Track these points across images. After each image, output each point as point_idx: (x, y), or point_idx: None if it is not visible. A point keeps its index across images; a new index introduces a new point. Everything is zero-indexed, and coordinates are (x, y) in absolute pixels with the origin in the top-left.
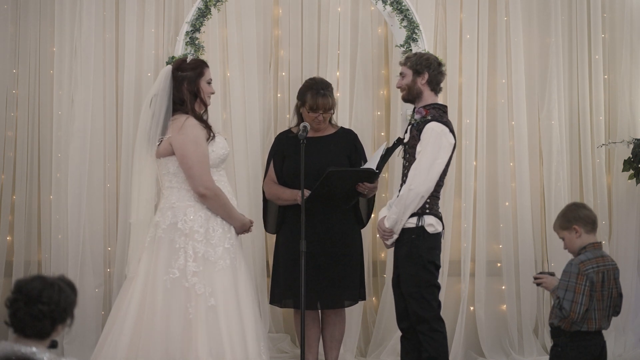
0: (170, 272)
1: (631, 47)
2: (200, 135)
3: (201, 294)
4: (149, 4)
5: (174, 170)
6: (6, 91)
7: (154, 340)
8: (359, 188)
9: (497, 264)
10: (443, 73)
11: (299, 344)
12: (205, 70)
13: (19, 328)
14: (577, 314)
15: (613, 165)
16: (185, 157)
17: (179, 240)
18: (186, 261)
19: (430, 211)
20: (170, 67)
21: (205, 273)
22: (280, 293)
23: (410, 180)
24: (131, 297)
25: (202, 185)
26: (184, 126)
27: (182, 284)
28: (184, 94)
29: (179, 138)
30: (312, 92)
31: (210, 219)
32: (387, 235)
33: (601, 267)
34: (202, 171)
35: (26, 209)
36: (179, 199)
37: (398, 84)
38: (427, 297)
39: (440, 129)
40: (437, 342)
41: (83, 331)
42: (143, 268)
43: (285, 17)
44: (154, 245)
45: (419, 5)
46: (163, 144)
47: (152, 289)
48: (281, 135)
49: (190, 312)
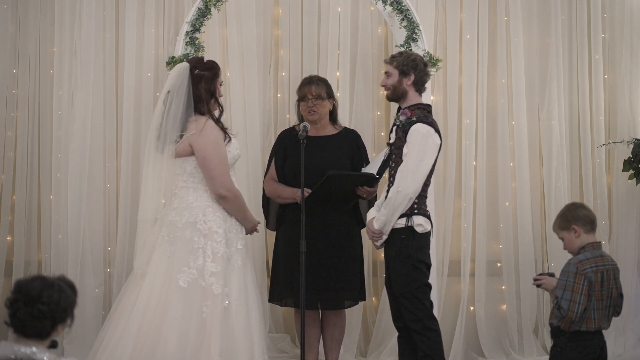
0: (187, 271)
1: (631, 47)
2: (220, 137)
3: (218, 294)
4: (149, 4)
5: (190, 171)
6: (6, 91)
7: (162, 339)
8: (359, 192)
9: (497, 264)
10: (428, 74)
11: (299, 344)
12: (219, 71)
13: (19, 328)
14: (575, 313)
15: (613, 165)
16: (207, 159)
17: (197, 240)
18: (204, 261)
19: (418, 211)
20: (187, 64)
21: (223, 273)
22: (280, 292)
23: (398, 182)
24: (139, 295)
25: (224, 187)
26: (205, 128)
27: (199, 283)
28: (202, 92)
29: (200, 140)
30: (302, 83)
31: (227, 220)
32: (377, 237)
33: (600, 266)
34: (223, 173)
35: (26, 209)
36: (196, 199)
37: (383, 83)
38: (419, 296)
39: (425, 130)
40: (431, 340)
41: (83, 331)
42: (153, 267)
43: (285, 17)
44: (169, 245)
45: (419, 5)
46: (182, 144)
47: (165, 287)
48: (284, 133)
49: (204, 311)
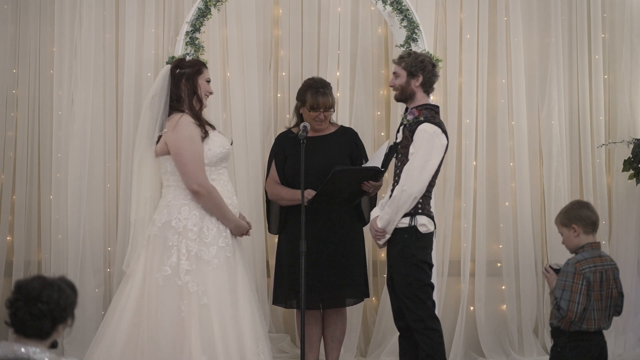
0: (162, 269)
1: (631, 47)
2: (195, 132)
3: (194, 292)
4: (149, 4)
5: (171, 169)
6: (6, 91)
7: (148, 338)
8: (365, 187)
9: (497, 264)
10: (437, 75)
11: (299, 344)
12: (203, 69)
13: (20, 328)
14: (574, 313)
15: (613, 165)
16: (179, 155)
17: (172, 238)
18: (179, 259)
19: (422, 211)
20: (169, 66)
21: (198, 272)
22: (284, 294)
23: (403, 181)
24: (128, 294)
25: (196, 183)
26: (178, 124)
27: (175, 282)
28: (182, 90)
29: (173, 136)
30: (312, 91)
31: (204, 218)
32: (380, 236)
33: (599, 267)
34: (196, 168)
35: (26, 209)
36: (174, 197)
37: (391, 83)
38: (421, 296)
39: (432, 130)
40: (433, 340)
41: (83, 331)
42: (140, 266)
43: (285, 17)
44: (149, 244)
45: (419, 5)
46: (160, 143)
47: (148, 286)
48: (281, 136)
49: (183, 309)
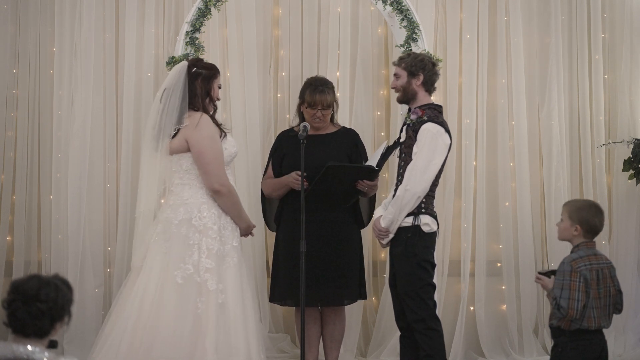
0: (183, 267)
1: (631, 47)
2: (216, 132)
3: (213, 290)
4: (149, 4)
5: (187, 167)
6: (6, 91)
7: (159, 335)
8: (359, 186)
9: (497, 264)
10: (437, 73)
11: (299, 344)
12: (218, 74)
13: (18, 328)
14: (575, 310)
15: (613, 165)
16: (203, 154)
17: (193, 237)
18: (200, 257)
19: (426, 210)
20: (186, 62)
21: (218, 270)
22: (281, 292)
23: (407, 181)
24: (136, 293)
25: (218, 182)
26: (200, 122)
27: (195, 279)
28: (197, 88)
29: (196, 134)
30: (311, 89)
31: (221, 217)
32: (383, 235)
33: (594, 265)
34: (217, 168)
35: (26, 209)
36: (191, 196)
37: (393, 85)
38: (423, 295)
39: (436, 129)
40: (433, 340)
41: (83, 331)
42: (149, 264)
43: (285, 17)
44: (164, 242)
45: (419, 5)
46: (177, 141)
47: (161, 284)
48: (282, 134)
49: (199, 307)
